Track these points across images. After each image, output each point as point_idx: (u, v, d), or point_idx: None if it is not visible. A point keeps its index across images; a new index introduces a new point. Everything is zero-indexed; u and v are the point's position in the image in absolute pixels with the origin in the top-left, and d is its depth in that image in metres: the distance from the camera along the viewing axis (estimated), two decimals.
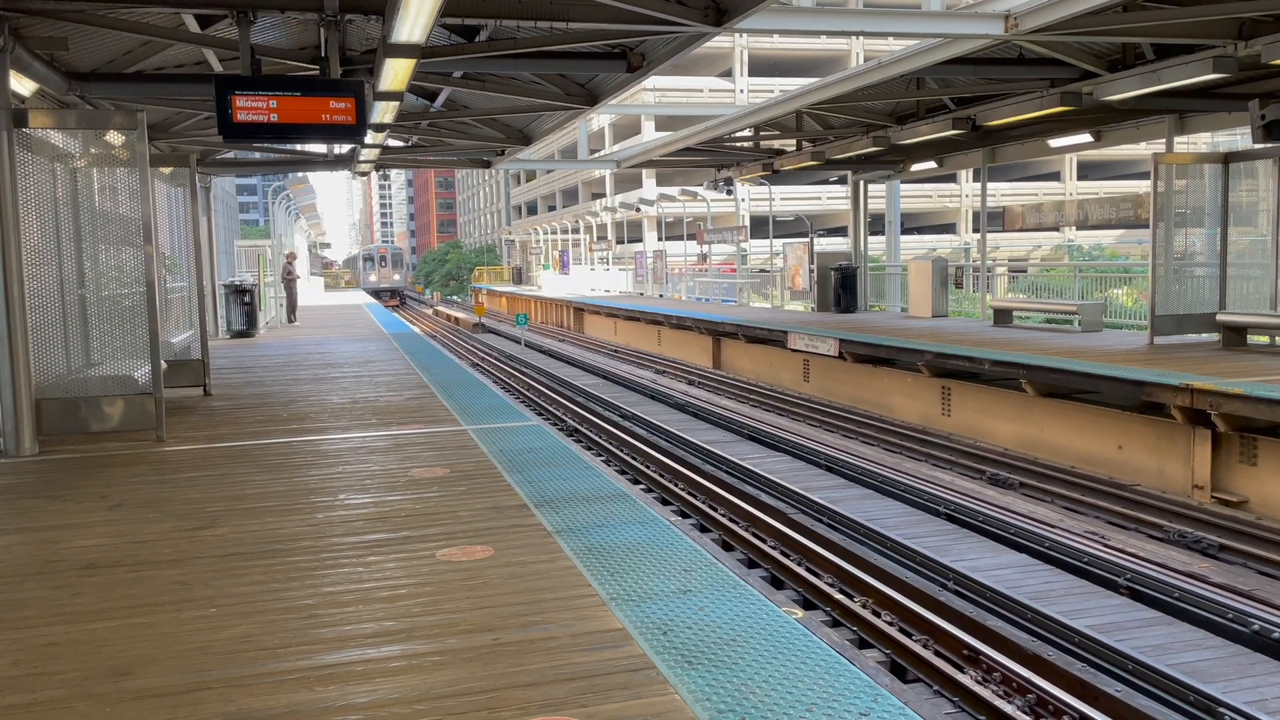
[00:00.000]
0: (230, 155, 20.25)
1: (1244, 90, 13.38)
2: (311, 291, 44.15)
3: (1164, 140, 15.88)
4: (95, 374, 8.73)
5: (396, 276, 64.94)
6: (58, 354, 8.55)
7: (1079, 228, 50.59)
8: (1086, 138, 16.87)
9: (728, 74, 56.00)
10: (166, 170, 11.91)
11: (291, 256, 25.79)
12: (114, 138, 8.89)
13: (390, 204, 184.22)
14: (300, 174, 31.41)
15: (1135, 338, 15.02)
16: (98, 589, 4.48)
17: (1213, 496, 10.23)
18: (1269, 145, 11.89)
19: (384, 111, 11.66)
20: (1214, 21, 10.78)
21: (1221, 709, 5.65)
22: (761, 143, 22.22)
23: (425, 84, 13.48)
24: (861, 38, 49.21)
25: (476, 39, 10.89)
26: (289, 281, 24.79)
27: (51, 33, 9.35)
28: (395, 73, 9.52)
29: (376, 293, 57.41)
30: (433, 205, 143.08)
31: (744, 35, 51.04)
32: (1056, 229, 51.92)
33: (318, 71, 9.54)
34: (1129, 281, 20.80)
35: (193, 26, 9.88)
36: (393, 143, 19.18)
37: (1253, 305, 13.60)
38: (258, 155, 21.53)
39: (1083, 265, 25.14)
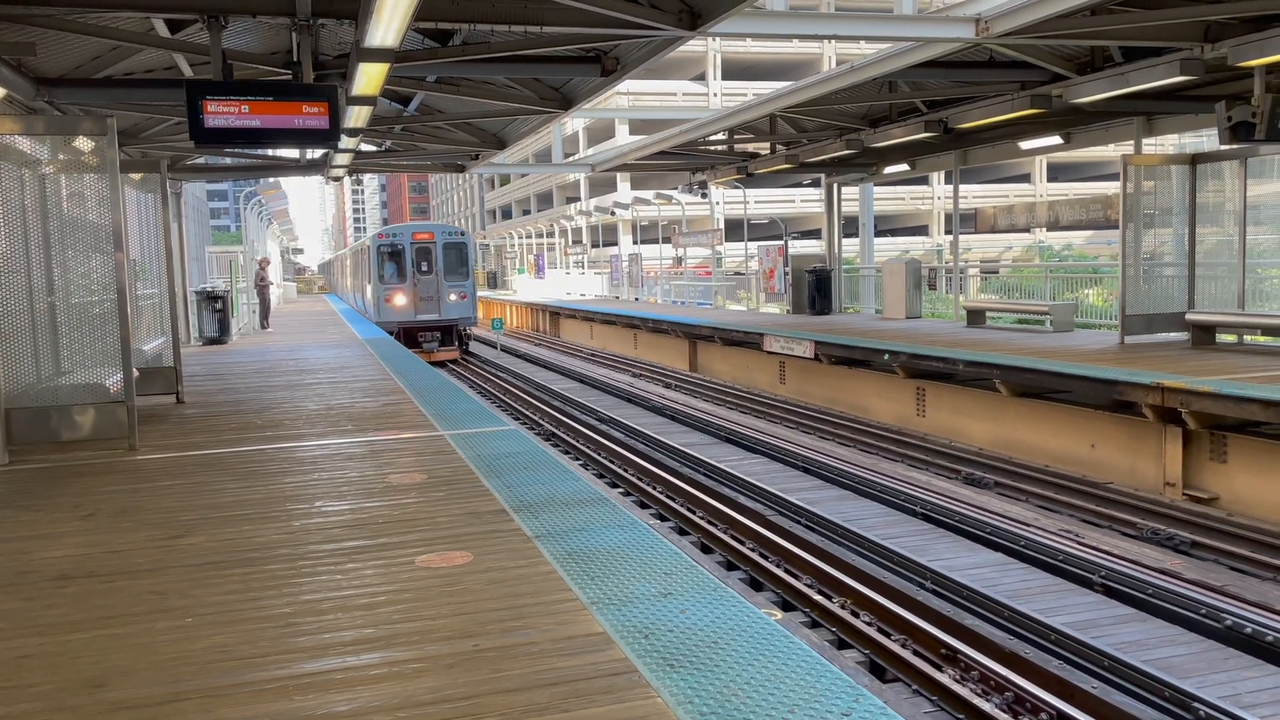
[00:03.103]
0: (201, 160, 20.08)
1: (1210, 92, 13.56)
2: (285, 297, 43.86)
3: (1132, 142, 16.08)
4: (66, 382, 8.61)
5: (455, 296, 28.04)
6: (27, 363, 8.43)
7: (1050, 229, 51.09)
8: (1056, 140, 17.05)
9: (701, 78, 56.17)
10: (137, 176, 11.79)
11: (265, 262, 25.59)
12: (83, 143, 8.79)
13: (363, 209, 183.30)
14: (272, 179, 31.19)
15: (1106, 337, 15.18)
16: (71, 600, 4.42)
17: (1184, 494, 10.35)
18: (1235, 146, 12.05)
19: (357, 116, 11.61)
20: (1180, 24, 10.92)
21: (1196, 704, 5.71)
22: (736, 146, 22.30)
23: (399, 88, 13.43)
24: (834, 41, 49.53)
25: (450, 43, 10.86)
26: (262, 288, 24.60)
27: (18, 38, 9.24)
28: (369, 77, 9.47)
29: (409, 335, 26.64)
30: (406, 210, 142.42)
31: (717, 39, 51.18)
32: (1028, 230, 52.42)
33: (290, 76, 9.49)
34: (1099, 282, 21.03)
35: (163, 31, 9.81)
36: (366, 147, 19.10)
37: (1221, 304, 13.78)
38: (229, 160, 21.35)
39: (1053, 266, 25.39)
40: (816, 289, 23.38)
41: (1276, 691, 6.09)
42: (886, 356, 15.13)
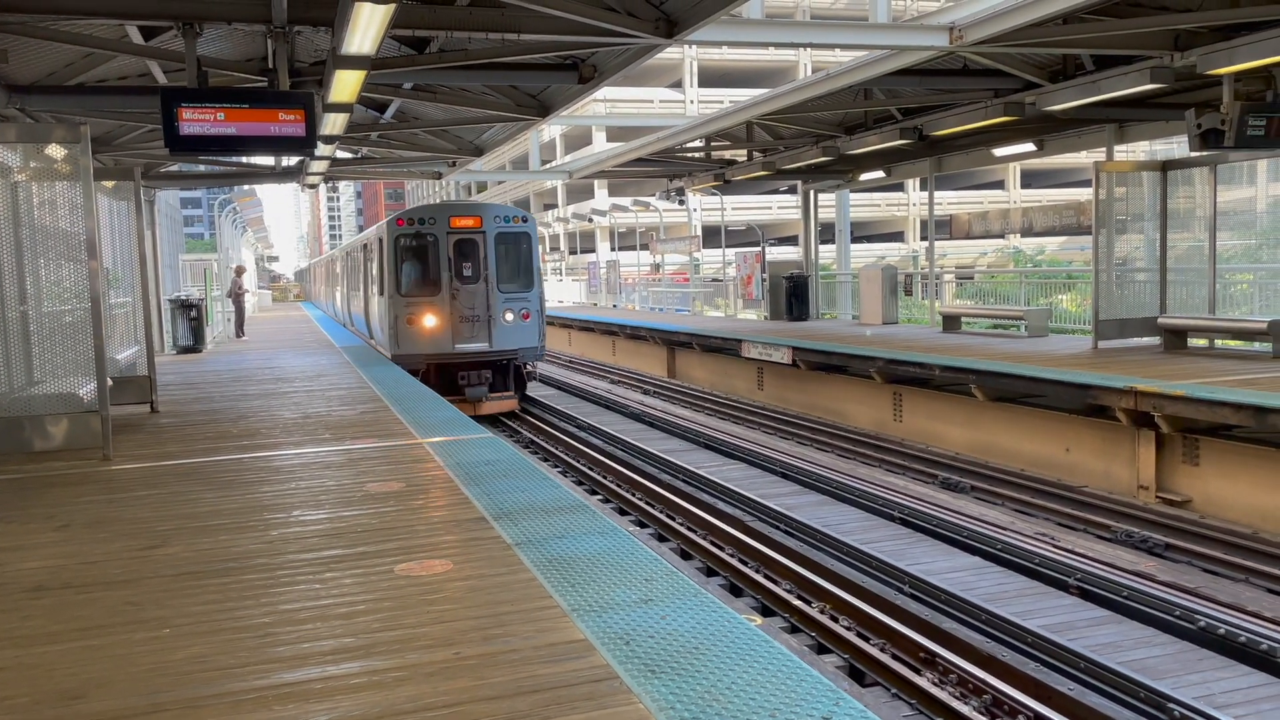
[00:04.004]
0: (176, 168, 19.93)
1: (1181, 100, 13.74)
2: (259, 305, 43.56)
3: (1105, 149, 16.26)
4: (38, 392, 8.53)
5: (513, 315, 17.78)
6: None
7: (1024, 235, 51.50)
8: (1030, 147, 17.22)
9: (678, 85, 56.33)
10: (110, 184, 11.70)
11: (240, 270, 25.42)
12: (56, 151, 8.71)
13: (339, 216, 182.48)
14: (248, 186, 31.02)
15: (1080, 342, 15.33)
16: (47, 612, 4.38)
17: (1158, 496, 10.47)
18: (1205, 154, 12.21)
19: (333, 123, 11.56)
20: (1151, 33, 11.06)
21: (1171, 705, 5.78)
22: (713, 153, 22.37)
23: (375, 95, 13.40)
24: (809, 49, 49.83)
25: (427, 50, 10.85)
26: (237, 296, 24.44)
27: None
28: (345, 84, 9.44)
29: (444, 374, 17.40)
30: (382, 217, 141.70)
31: (694, 47, 51.40)
32: (1002, 236, 52.84)
33: (266, 83, 9.44)
34: (1072, 287, 21.22)
35: (136, 38, 9.74)
36: (342, 154, 19.02)
37: (1192, 309, 13.95)
38: (204, 168, 21.21)
39: (1028, 271, 25.61)
40: (794, 295, 23.48)
41: (1250, 692, 6.16)
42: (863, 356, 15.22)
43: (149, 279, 12.09)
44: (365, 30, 7.81)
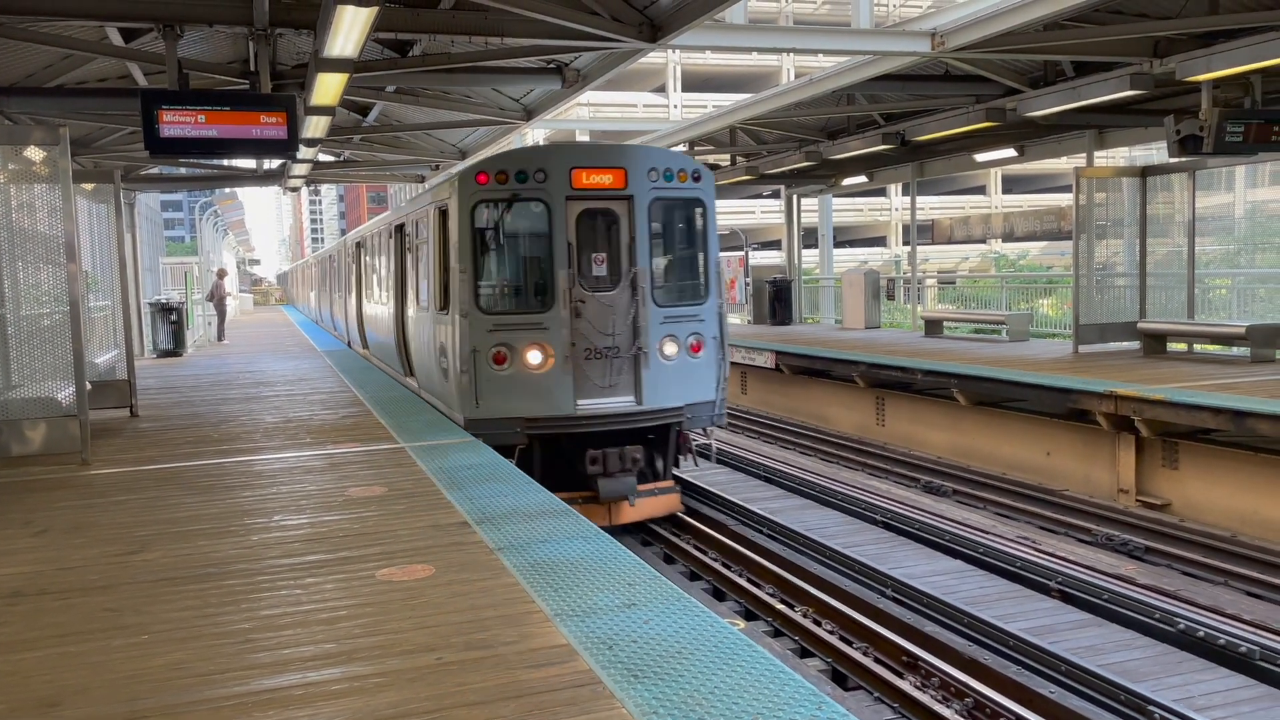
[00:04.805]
0: (156, 170, 19.80)
1: (1160, 106, 13.86)
2: (240, 309, 43.31)
3: (1084, 155, 16.37)
4: (16, 396, 8.45)
5: (675, 350, 10.07)
6: None
7: (1005, 240, 51.85)
8: (1010, 152, 17.32)
9: (662, 89, 56.39)
10: (89, 186, 11.62)
11: (222, 273, 25.26)
12: (34, 153, 8.64)
13: (321, 219, 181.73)
14: (229, 189, 30.85)
15: (1061, 346, 15.42)
16: (23, 618, 4.33)
17: (1137, 500, 10.53)
18: (1184, 159, 12.32)
19: (316, 126, 11.51)
20: (1130, 40, 11.16)
21: (1152, 707, 5.81)
22: (696, 157, 22.39)
23: (358, 98, 13.36)
24: (792, 55, 49.96)
25: (410, 53, 10.82)
26: (219, 300, 24.28)
27: None
28: (327, 87, 9.41)
29: (557, 449, 9.90)
30: (365, 220, 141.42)
31: (678, 51, 51.46)
32: (984, 241, 53.15)
33: (248, 86, 9.40)
34: (1053, 292, 21.36)
35: (116, 40, 9.67)
36: (324, 157, 18.94)
37: (1171, 314, 14.06)
38: (184, 171, 21.08)
39: (1009, 276, 25.76)
40: (777, 299, 23.53)
41: (1229, 694, 6.20)
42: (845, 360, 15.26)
43: (129, 282, 12.00)
44: (348, 33, 7.79)
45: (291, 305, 56.62)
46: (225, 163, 18.91)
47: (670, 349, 10.02)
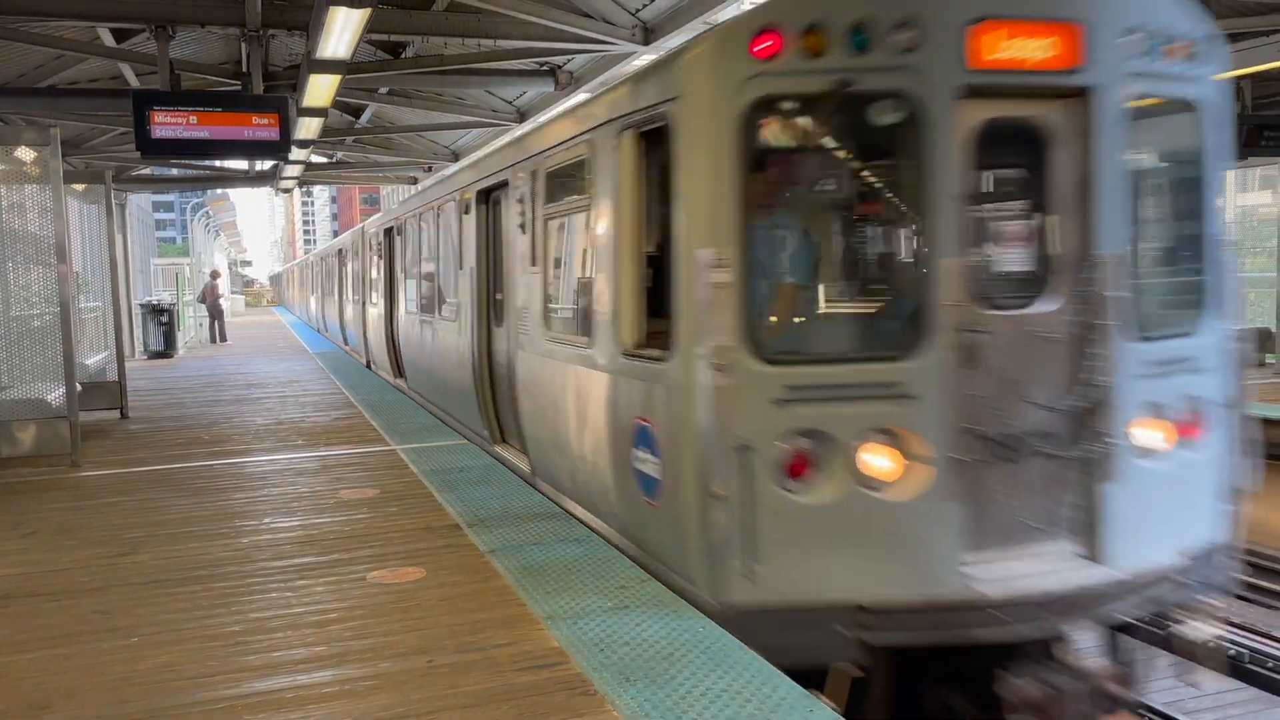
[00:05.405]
0: (148, 171, 19.76)
1: None
2: (232, 310, 43.19)
3: None
4: (6, 397, 8.42)
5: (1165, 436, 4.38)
6: None
7: None
8: None
9: None
10: (80, 187, 11.59)
11: (215, 275, 25.17)
12: (25, 154, 8.62)
13: (313, 221, 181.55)
14: (221, 190, 30.80)
15: None
16: (13, 620, 4.31)
17: None
18: None
19: (308, 127, 11.51)
20: None
21: (1140, 710, 5.81)
22: None
23: (351, 99, 13.35)
24: None
25: (403, 55, 10.82)
26: (214, 302, 24.15)
27: None
28: (320, 88, 9.40)
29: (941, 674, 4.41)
30: (358, 221, 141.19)
31: None
32: None
33: (240, 87, 9.40)
34: None
35: (108, 41, 9.66)
36: (317, 159, 18.93)
37: None
38: (176, 171, 21.04)
39: None
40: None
41: (1218, 697, 6.22)
42: None
43: (120, 283, 11.97)
44: (340, 34, 7.78)
45: (283, 306, 56.59)
46: (217, 164, 18.88)
47: (1154, 434, 4.62)
